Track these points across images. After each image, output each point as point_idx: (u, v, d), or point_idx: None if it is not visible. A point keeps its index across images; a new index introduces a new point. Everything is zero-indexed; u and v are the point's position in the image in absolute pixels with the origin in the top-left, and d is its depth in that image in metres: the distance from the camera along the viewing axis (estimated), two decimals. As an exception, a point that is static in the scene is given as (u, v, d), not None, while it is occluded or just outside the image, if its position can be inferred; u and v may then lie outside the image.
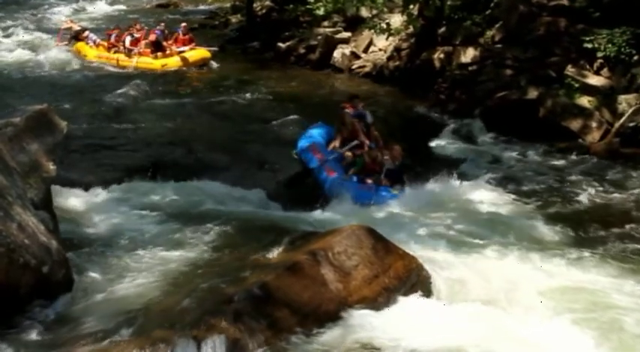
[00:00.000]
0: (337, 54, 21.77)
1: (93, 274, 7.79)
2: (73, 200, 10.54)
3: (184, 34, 22.83)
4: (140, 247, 8.71)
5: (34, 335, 6.45)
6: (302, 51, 22.73)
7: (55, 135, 9.26)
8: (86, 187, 11.20)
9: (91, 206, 10.49)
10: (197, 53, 22.27)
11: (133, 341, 6.14)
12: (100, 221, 9.88)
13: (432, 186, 11.86)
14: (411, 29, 20.08)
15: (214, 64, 22.11)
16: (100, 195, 11.06)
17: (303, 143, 13.24)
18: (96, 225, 9.74)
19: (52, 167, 8.70)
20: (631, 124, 14.63)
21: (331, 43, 22.07)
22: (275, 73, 21.48)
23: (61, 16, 30.44)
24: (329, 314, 7.05)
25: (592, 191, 12.45)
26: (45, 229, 7.28)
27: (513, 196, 12.13)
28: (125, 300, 7.23)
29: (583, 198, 12.17)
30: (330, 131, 13.57)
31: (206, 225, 9.38)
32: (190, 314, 6.65)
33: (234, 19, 27.99)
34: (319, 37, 22.49)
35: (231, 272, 7.63)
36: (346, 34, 22.41)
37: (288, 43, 23.29)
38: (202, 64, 22.11)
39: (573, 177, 13.17)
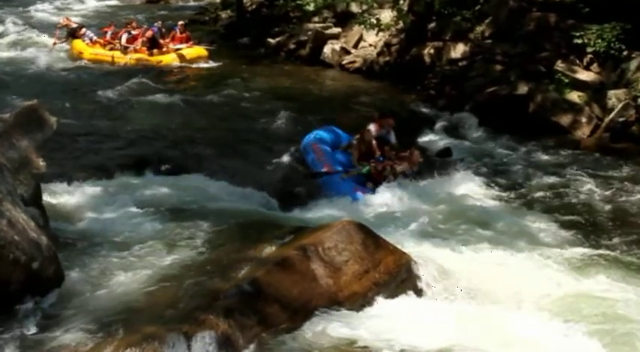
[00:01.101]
0: (327, 49, 21.74)
1: (83, 270, 7.75)
2: (64, 196, 10.50)
3: (181, 32, 22.73)
4: (131, 243, 8.66)
5: (24, 332, 6.43)
6: (292, 46, 22.70)
7: (45, 131, 9.20)
8: (78, 183, 11.12)
9: (81, 202, 10.43)
10: (193, 51, 22.12)
11: (124, 337, 6.14)
12: (91, 217, 9.82)
13: (422, 182, 11.89)
14: (401, 25, 20.09)
15: (211, 63, 21.94)
16: (91, 191, 10.97)
17: (306, 142, 13.24)
18: (87, 221, 9.68)
19: (41, 163, 8.65)
20: (621, 119, 14.72)
21: (321, 39, 22.04)
22: (266, 69, 21.43)
23: (47, 14, 30.22)
24: (319, 310, 7.06)
25: (584, 186, 12.48)
26: (35, 225, 7.25)
27: (504, 192, 12.18)
28: (115, 296, 7.21)
29: (574, 193, 12.22)
30: (338, 133, 13.53)
31: (197, 221, 9.33)
32: (181, 310, 6.66)
33: (224, 14, 27.90)
34: (309, 33, 22.45)
35: (221, 269, 7.61)
36: (336, 30, 22.38)
37: (278, 39, 23.25)
38: (198, 61, 21.95)
39: (564, 173, 13.18)
